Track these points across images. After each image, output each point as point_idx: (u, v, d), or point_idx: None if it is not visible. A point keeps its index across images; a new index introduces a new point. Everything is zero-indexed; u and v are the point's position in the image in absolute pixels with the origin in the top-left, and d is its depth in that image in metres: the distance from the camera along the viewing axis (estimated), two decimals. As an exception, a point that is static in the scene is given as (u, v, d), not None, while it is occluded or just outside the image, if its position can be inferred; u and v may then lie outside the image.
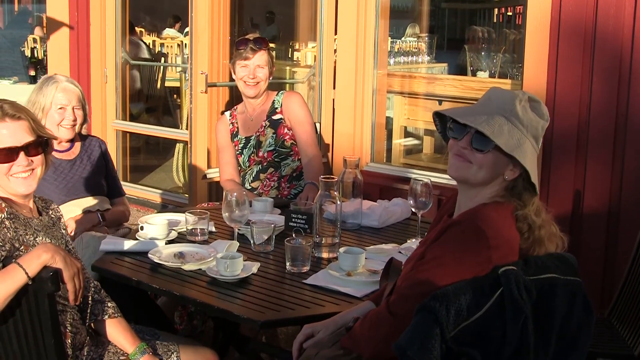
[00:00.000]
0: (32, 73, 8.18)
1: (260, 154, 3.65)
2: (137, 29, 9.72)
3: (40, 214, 2.32)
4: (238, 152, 3.71)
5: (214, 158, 4.86)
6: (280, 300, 2.32)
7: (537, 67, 3.73)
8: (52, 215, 2.37)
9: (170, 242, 2.81)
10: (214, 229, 2.97)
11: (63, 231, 2.38)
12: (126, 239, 2.80)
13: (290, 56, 8.95)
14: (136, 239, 2.81)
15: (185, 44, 9.80)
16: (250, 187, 3.67)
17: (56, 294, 2.04)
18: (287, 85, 6.62)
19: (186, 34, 9.04)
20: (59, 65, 5.91)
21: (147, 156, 7.19)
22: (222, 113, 3.92)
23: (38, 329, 2.00)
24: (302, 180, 3.65)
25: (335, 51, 4.70)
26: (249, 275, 2.46)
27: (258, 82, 3.64)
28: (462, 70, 7.76)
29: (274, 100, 3.71)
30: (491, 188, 1.98)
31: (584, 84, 3.59)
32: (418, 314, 1.73)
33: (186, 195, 5.37)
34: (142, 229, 2.84)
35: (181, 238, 2.88)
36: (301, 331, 2.13)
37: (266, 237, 2.74)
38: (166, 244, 2.78)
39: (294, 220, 2.91)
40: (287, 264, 2.55)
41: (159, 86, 8.06)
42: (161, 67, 8.23)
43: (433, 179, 3.03)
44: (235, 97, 5.13)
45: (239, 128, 3.74)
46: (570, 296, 1.85)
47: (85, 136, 3.42)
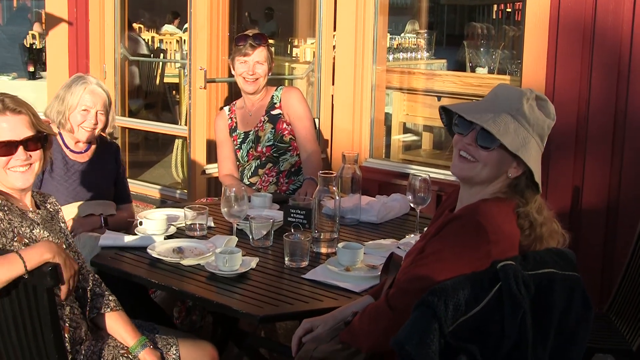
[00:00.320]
0: (31, 69, 8.15)
1: (259, 149, 3.65)
2: (136, 25, 9.72)
3: (38, 208, 2.32)
4: (237, 147, 3.71)
5: (213, 154, 4.85)
6: (279, 295, 2.32)
7: (536, 63, 3.73)
8: (50, 209, 2.37)
9: (169, 237, 2.82)
10: (212, 224, 2.97)
11: (62, 224, 2.38)
12: (125, 234, 2.80)
13: (289, 52, 8.95)
14: (135, 234, 2.82)
15: (184, 40, 9.79)
16: (249, 183, 3.67)
17: (55, 288, 2.04)
18: (286, 81, 6.61)
19: (185, 30, 9.03)
20: (58, 61, 5.91)
21: (146, 152, 7.19)
22: (221, 108, 3.92)
23: (37, 324, 2.01)
24: (300, 175, 3.64)
25: (334, 47, 4.69)
26: (247, 270, 2.46)
27: (257, 79, 3.64)
28: (461, 67, 7.76)
29: (273, 96, 3.71)
30: (494, 185, 1.98)
31: (583, 80, 3.58)
32: (416, 309, 1.73)
33: (185, 190, 5.37)
34: (140, 224, 2.84)
35: (180, 233, 2.88)
36: (300, 326, 2.13)
37: (265, 233, 2.74)
38: (165, 239, 2.78)
39: (292, 215, 2.91)
40: (286, 259, 2.55)
41: (158, 82, 8.05)
42: (160, 63, 8.21)
43: (432, 175, 3.03)
44: (234, 93, 5.13)
45: (237, 123, 3.74)
46: (569, 291, 1.85)
47: (103, 140, 3.38)
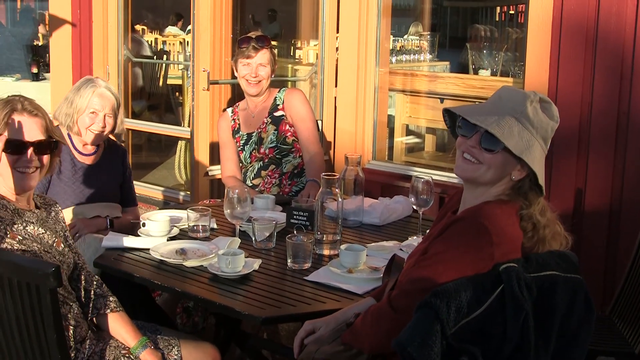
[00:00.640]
0: (35, 70, 8.17)
1: (262, 150, 3.65)
2: (140, 26, 9.72)
3: (38, 209, 2.33)
4: (239, 149, 3.71)
5: (216, 155, 4.85)
6: (281, 297, 2.32)
7: (539, 65, 3.73)
8: (52, 213, 2.39)
9: (172, 238, 2.82)
10: (215, 225, 2.98)
11: (63, 224, 2.40)
12: (128, 236, 2.80)
13: (292, 54, 8.95)
14: (138, 235, 2.82)
15: (188, 41, 9.81)
16: (252, 184, 3.67)
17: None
18: (289, 83, 6.62)
19: (188, 31, 9.06)
20: (62, 63, 5.91)
21: (149, 153, 7.19)
22: (224, 110, 3.93)
23: (40, 324, 2.01)
24: (303, 177, 3.65)
25: (337, 49, 4.70)
26: (250, 272, 2.47)
27: (260, 81, 3.64)
28: (464, 69, 7.77)
29: (275, 97, 3.71)
30: (497, 187, 1.98)
31: (585, 83, 3.58)
32: (419, 311, 1.73)
33: (188, 192, 5.37)
34: (144, 225, 2.84)
35: (183, 235, 2.89)
36: (302, 327, 2.13)
37: (267, 234, 2.75)
38: (168, 240, 2.78)
39: (295, 217, 2.92)
40: (289, 260, 2.56)
41: (161, 84, 8.05)
42: (163, 64, 8.22)
43: (434, 177, 3.03)
44: (237, 95, 5.13)
45: (240, 124, 3.74)
46: (571, 294, 1.85)
47: (111, 142, 3.39)
